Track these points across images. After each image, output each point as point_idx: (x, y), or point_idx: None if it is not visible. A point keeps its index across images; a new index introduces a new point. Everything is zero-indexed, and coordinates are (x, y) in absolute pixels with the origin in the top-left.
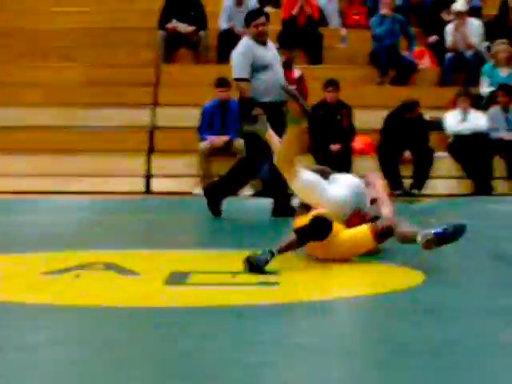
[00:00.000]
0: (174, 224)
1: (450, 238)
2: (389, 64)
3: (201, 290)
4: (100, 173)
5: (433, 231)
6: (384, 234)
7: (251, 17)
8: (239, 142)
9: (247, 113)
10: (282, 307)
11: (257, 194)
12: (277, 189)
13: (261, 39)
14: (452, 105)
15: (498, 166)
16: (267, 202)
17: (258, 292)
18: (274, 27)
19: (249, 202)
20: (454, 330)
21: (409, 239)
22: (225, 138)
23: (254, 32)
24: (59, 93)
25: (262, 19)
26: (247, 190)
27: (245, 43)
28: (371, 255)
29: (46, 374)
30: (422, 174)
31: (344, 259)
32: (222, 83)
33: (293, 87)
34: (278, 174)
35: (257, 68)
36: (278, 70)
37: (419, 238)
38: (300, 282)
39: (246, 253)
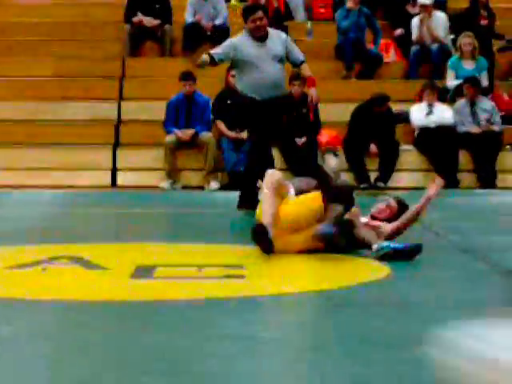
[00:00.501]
0: (140, 218)
1: (406, 254)
2: (354, 57)
3: (167, 283)
4: (66, 166)
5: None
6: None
7: (248, 11)
8: (205, 136)
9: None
10: (248, 301)
11: (223, 188)
12: (244, 181)
13: (258, 34)
14: (418, 98)
15: (464, 159)
16: (233, 196)
17: (225, 285)
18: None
19: (215, 196)
20: (417, 324)
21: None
22: (191, 131)
23: (251, 27)
24: (25, 86)
25: (259, 14)
26: (213, 184)
27: (239, 36)
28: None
29: (12, 368)
30: (388, 167)
31: (300, 246)
32: (187, 77)
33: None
34: (248, 168)
35: (241, 64)
36: (267, 69)
37: (375, 247)
38: (266, 276)
39: (213, 246)
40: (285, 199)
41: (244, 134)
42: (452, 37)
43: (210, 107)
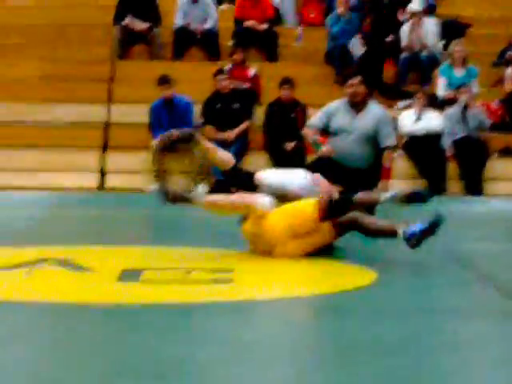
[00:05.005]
0: (128, 220)
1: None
2: (343, 63)
3: (154, 286)
4: (54, 168)
5: (418, 229)
6: (331, 207)
7: (347, 76)
8: None
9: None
10: (235, 305)
11: (210, 191)
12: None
13: (351, 100)
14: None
15: (452, 166)
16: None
17: (212, 289)
18: (230, 24)
19: None
20: (403, 330)
21: (386, 231)
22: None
23: (347, 92)
24: (14, 88)
25: (356, 80)
26: (201, 188)
27: (338, 101)
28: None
29: None
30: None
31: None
32: (163, 81)
33: None
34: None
35: (332, 130)
36: (350, 145)
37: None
38: (254, 280)
39: (201, 250)
40: (260, 211)
41: (231, 134)
42: (442, 43)
43: (191, 110)
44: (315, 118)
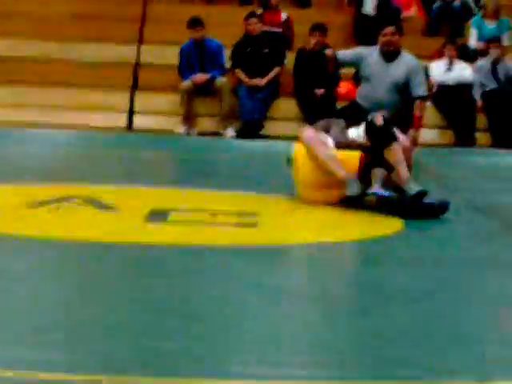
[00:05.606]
0: (156, 162)
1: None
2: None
3: (180, 228)
4: (83, 107)
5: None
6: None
7: (382, 26)
8: (220, 81)
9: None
10: (259, 249)
11: (238, 135)
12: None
13: (385, 49)
14: (437, 55)
15: (481, 118)
16: (248, 144)
17: (237, 232)
18: None
19: (230, 143)
20: (429, 279)
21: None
22: (206, 76)
23: (381, 41)
24: (45, 25)
25: (391, 29)
26: (230, 131)
27: (371, 48)
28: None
29: (23, 304)
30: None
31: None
32: (194, 23)
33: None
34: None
35: (361, 75)
36: (381, 94)
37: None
38: (278, 225)
39: (226, 193)
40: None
41: (262, 81)
42: None
43: (222, 52)
44: (345, 51)
